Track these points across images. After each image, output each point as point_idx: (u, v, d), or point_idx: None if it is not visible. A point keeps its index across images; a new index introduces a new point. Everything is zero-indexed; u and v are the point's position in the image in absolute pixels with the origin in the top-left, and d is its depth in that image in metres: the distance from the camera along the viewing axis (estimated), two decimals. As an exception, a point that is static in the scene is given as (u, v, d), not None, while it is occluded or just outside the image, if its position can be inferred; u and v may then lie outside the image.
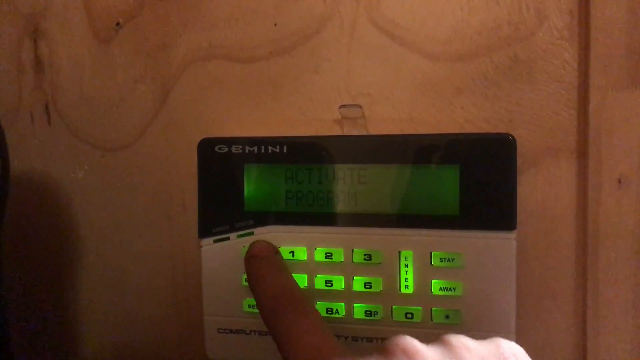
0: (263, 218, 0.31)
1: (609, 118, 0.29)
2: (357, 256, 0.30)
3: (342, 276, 0.30)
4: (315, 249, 0.30)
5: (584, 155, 0.30)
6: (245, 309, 0.31)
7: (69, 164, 0.38)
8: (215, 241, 0.32)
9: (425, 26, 0.31)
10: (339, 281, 0.30)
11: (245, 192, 0.31)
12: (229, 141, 0.31)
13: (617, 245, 0.29)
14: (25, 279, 0.39)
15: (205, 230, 0.32)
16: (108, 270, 0.38)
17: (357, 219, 0.30)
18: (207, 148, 0.32)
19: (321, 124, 0.33)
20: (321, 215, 0.30)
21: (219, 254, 0.32)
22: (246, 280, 0.29)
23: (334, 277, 0.30)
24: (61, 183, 0.38)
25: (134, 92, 0.36)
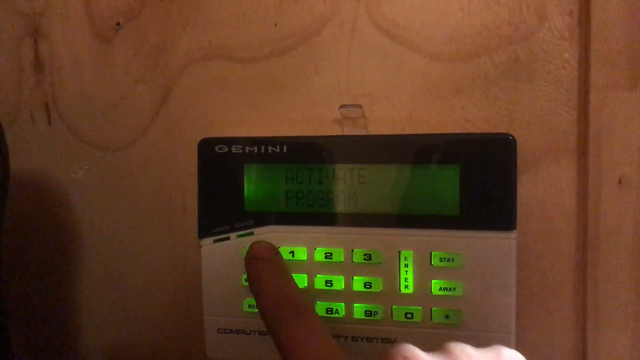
0: (263, 218, 0.31)
1: (609, 118, 0.29)
2: (357, 256, 0.30)
3: (342, 276, 0.30)
4: (315, 249, 0.30)
5: (584, 156, 0.30)
6: (245, 309, 0.31)
7: (69, 163, 0.38)
8: (215, 241, 0.32)
9: (426, 26, 0.31)
10: (339, 281, 0.30)
11: (245, 192, 0.31)
12: (229, 141, 0.31)
13: (617, 245, 0.29)
14: (25, 278, 0.39)
15: (205, 230, 0.32)
16: (108, 270, 0.38)
17: (357, 219, 0.30)
18: (207, 148, 0.32)
19: (321, 124, 0.33)
20: (321, 215, 0.30)
21: (219, 254, 0.32)
22: (246, 281, 0.29)
23: (334, 277, 0.30)
24: (61, 183, 0.38)
25: (134, 92, 0.36)
